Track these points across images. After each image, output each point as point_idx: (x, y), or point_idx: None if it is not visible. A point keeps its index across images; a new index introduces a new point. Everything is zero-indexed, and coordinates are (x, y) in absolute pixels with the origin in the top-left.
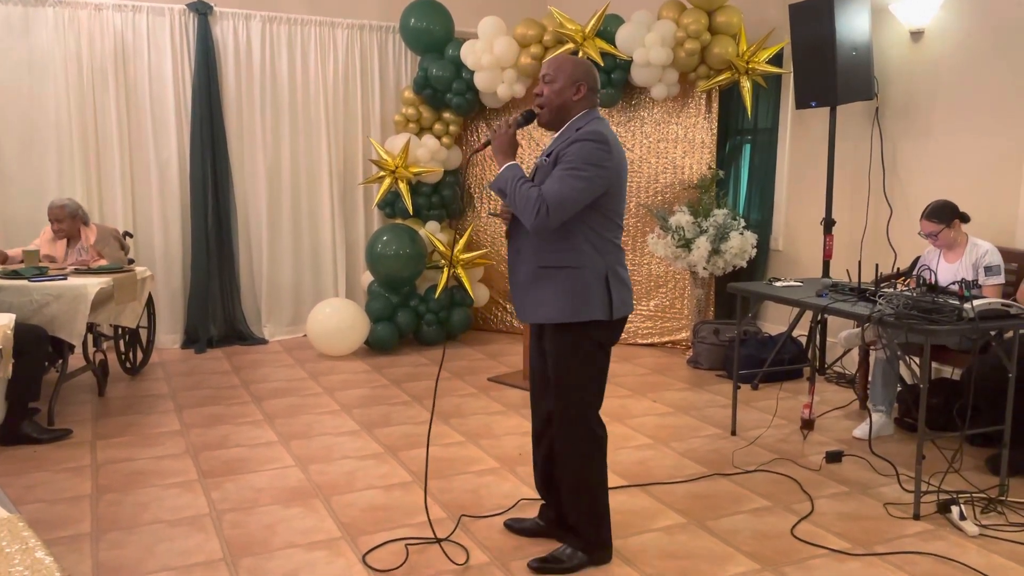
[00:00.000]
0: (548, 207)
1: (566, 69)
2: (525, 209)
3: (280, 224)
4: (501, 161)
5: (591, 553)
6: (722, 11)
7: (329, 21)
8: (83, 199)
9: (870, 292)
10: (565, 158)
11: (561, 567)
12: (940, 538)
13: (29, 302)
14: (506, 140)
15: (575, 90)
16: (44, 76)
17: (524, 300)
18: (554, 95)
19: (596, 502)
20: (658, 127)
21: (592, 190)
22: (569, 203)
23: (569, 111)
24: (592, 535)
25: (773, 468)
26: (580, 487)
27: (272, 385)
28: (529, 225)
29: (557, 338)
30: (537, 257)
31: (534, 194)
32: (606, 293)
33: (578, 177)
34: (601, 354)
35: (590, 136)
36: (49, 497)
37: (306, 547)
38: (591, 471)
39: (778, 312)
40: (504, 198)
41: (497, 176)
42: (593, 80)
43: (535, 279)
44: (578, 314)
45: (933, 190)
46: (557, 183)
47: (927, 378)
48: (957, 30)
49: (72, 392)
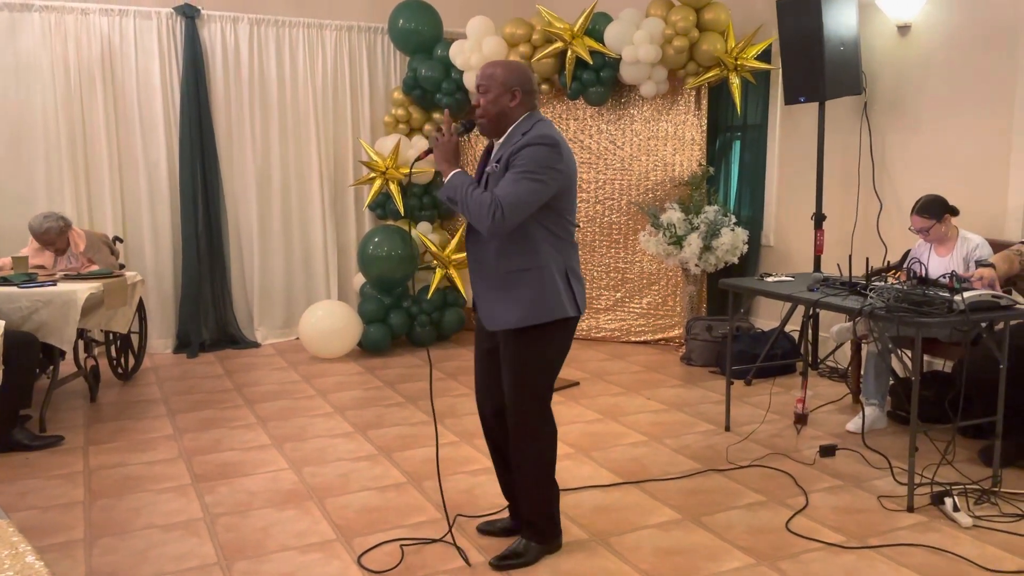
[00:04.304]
0: (503, 210)
1: (498, 77)
2: (479, 214)
3: (271, 227)
4: (446, 170)
5: (547, 542)
6: (710, 8)
7: (317, 23)
8: (72, 204)
9: (861, 286)
10: (517, 162)
11: (521, 560)
12: (934, 530)
13: (19, 309)
14: (450, 148)
15: (510, 96)
16: (31, 81)
17: (493, 308)
18: (490, 104)
19: (551, 493)
20: (648, 125)
21: (546, 192)
22: (523, 205)
23: (508, 117)
24: (548, 525)
25: (767, 463)
26: (537, 480)
27: (265, 388)
28: (485, 229)
29: (519, 338)
30: (501, 263)
31: (487, 199)
32: (569, 289)
33: (532, 179)
34: (560, 351)
35: (540, 140)
36: (42, 504)
37: (301, 549)
38: (545, 464)
39: (770, 307)
40: (455, 206)
41: (446, 184)
42: (527, 82)
43: (503, 286)
44: (550, 314)
45: (922, 184)
46: (511, 185)
47: (919, 370)
48: (944, 24)
49: (63, 398)
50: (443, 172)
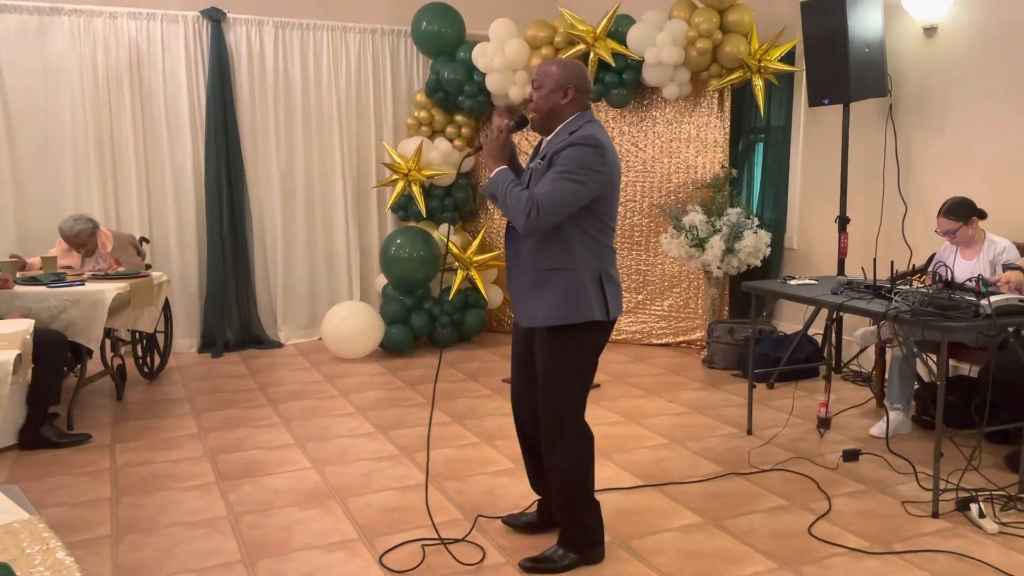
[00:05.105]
0: (539, 209)
1: (552, 74)
2: (516, 211)
3: (294, 228)
4: (492, 166)
5: (582, 552)
6: (733, 9)
7: (341, 26)
8: (99, 205)
9: (886, 289)
10: (559, 161)
11: (552, 567)
12: (959, 536)
13: (48, 308)
14: (498, 145)
15: (563, 94)
16: (60, 84)
17: (525, 305)
18: (542, 100)
19: (586, 501)
20: (670, 127)
21: (585, 194)
22: (560, 206)
23: (560, 114)
24: (582, 535)
25: (790, 467)
26: (569, 487)
27: (288, 388)
28: (520, 227)
29: (550, 339)
30: (534, 261)
31: (524, 196)
32: (600, 294)
33: (572, 180)
34: (591, 355)
35: (584, 140)
36: (70, 500)
37: (323, 548)
38: (580, 471)
39: (793, 311)
40: (496, 202)
41: (489, 181)
42: (581, 81)
43: (534, 283)
44: (575, 316)
45: (948, 186)
46: (549, 185)
47: (944, 375)
48: (971, 25)
49: (91, 396)
50: (488, 168)
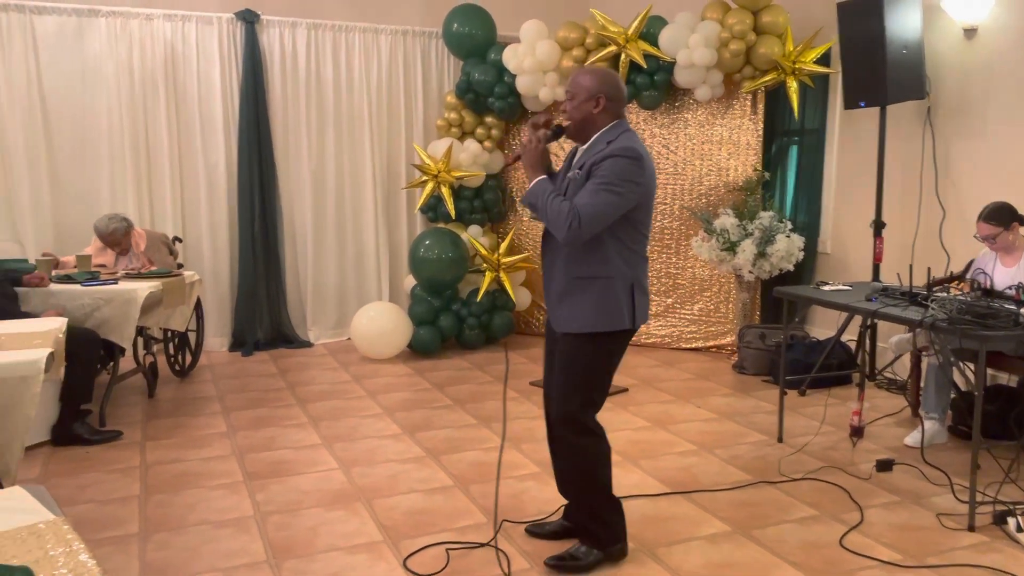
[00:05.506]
0: (580, 220)
1: (584, 84)
2: (557, 222)
3: (325, 228)
4: (531, 175)
5: (605, 548)
6: (768, 11)
7: (373, 27)
8: (134, 205)
9: (922, 296)
10: (599, 172)
11: (577, 565)
12: (996, 550)
13: (81, 306)
14: (536, 155)
15: (595, 103)
16: (97, 85)
17: (559, 311)
18: (575, 111)
19: (602, 496)
20: (702, 129)
21: (624, 205)
22: (601, 217)
23: (594, 123)
24: (603, 531)
25: (821, 476)
26: (585, 484)
27: (317, 388)
28: (561, 238)
29: (572, 341)
30: (570, 268)
31: (566, 207)
32: (631, 303)
33: (612, 192)
34: (608, 359)
35: (623, 152)
36: (100, 497)
37: (348, 550)
38: (594, 467)
39: (826, 316)
40: (535, 212)
41: (528, 191)
42: (613, 90)
43: (568, 290)
44: (607, 324)
45: (987, 191)
46: (590, 196)
47: (982, 385)
48: (1013, 27)
49: (123, 394)
50: (528, 178)
